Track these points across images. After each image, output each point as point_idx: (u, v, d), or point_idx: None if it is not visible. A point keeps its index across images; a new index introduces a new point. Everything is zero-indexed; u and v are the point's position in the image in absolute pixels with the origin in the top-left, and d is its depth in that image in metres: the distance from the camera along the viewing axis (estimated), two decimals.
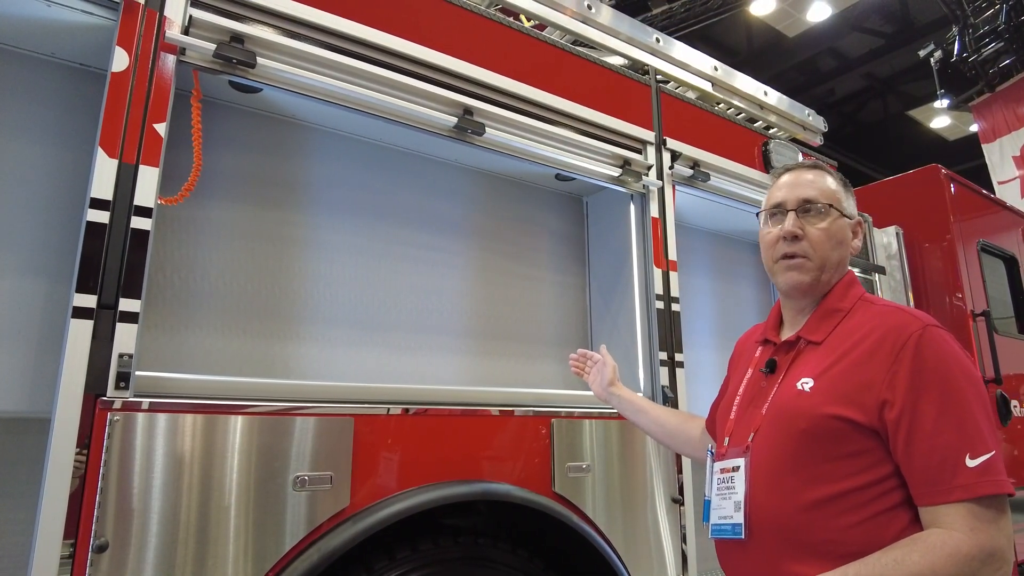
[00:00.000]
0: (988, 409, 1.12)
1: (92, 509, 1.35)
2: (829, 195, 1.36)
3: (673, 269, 2.51)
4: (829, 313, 1.33)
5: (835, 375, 1.22)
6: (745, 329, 1.70)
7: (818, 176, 1.40)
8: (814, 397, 1.21)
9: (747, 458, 1.29)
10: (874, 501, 1.14)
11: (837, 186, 1.39)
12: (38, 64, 1.79)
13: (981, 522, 1.05)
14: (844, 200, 1.38)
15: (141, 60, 1.60)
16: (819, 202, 1.35)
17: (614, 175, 2.42)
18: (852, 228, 1.39)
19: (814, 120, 3.45)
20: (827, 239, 1.33)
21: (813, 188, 1.37)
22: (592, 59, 2.51)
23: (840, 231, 1.35)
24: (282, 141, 2.14)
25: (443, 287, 2.38)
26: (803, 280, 1.34)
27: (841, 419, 1.16)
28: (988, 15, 8.10)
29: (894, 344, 1.17)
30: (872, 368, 1.17)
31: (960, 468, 1.07)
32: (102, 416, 1.40)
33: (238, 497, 1.51)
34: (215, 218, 1.98)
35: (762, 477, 1.25)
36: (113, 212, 1.50)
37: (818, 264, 1.33)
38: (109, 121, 1.53)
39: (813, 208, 1.35)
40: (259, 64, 1.73)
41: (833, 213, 1.35)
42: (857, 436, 1.16)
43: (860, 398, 1.16)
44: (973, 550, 1.03)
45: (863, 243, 1.37)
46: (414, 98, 1.99)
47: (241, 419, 1.55)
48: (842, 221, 1.36)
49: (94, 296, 1.45)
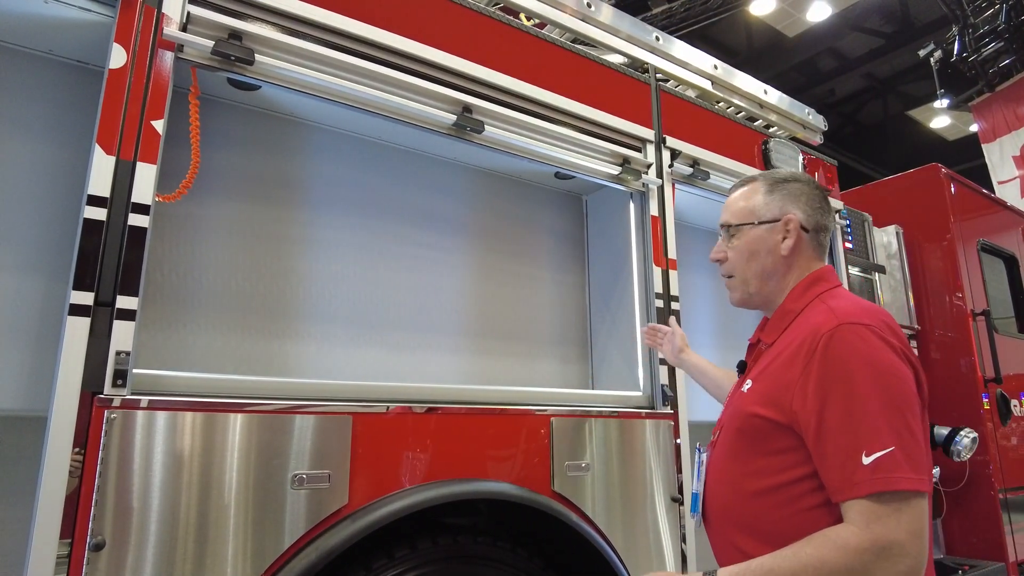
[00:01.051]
0: (898, 404, 1.11)
1: (89, 508, 1.34)
2: (740, 213, 1.43)
3: (673, 268, 2.50)
4: (782, 315, 1.38)
5: (766, 376, 1.29)
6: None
7: (738, 196, 1.46)
8: (747, 397, 1.31)
9: (708, 453, 1.45)
10: (805, 496, 1.18)
11: (754, 196, 1.43)
12: (36, 61, 1.78)
13: (878, 516, 1.06)
14: (761, 208, 1.41)
15: (139, 57, 1.59)
16: (730, 224, 1.44)
17: (613, 173, 2.41)
18: (777, 229, 1.38)
19: (814, 119, 3.45)
20: (739, 257, 1.42)
21: (727, 212, 1.47)
22: (592, 57, 2.50)
23: (752, 243, 1.40)
24: (281, 139, 2.13)
25: (441, 286, 2.38)
26: (732, 298, 1.47)
27: (762, 418, 1.24)
28: (988, 15, 8.09)
29: (810, 346, 1.20)
30: (792, 370, 1.21)
31: (857, 466, 1.09)
32: (99, 414, 1.39)
33: (236, 495, 1.51)
34: (214, 216, 1.97)
35: (714, 470, 1.39)
36: (110, 209, 1.50)
37: (740, 281, 1.43)
38: (107, 118, 1.53)
39: (729, 231, 1.44)
40: (257, 61, 1.72)
41: (743, 230, 1.41)
42: (779, 435, 1.21)
43: (779, 399, 1.22)
44: (864, 543, 1.05)
45: (796, 240, 1.38)
46: (413, 96, 1.98)
47: (239, 417, 1.54)
48: (755, 232, 1.40)
49: (91, 293, 1.44)
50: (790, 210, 1.38)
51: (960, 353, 3.94)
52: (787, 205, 1.39)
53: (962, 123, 12.45)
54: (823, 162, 3.39)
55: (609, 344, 2.59)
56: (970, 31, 8.31)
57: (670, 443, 2.32)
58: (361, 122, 2.18)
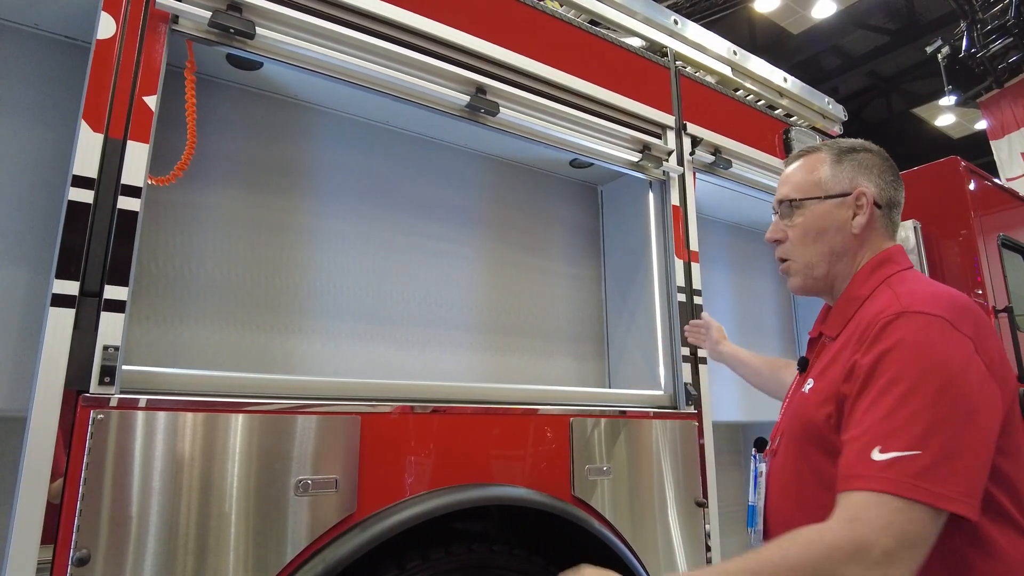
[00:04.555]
0: (952, 409, 0.93)
1: (72, 517, 1.22)
2: (803, 186, 1.26)
3: (695, 260, 2.38)
4: (846, 303, 1.21)
5: (827, 372, 1.13)
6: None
7: (798, 167, 1.30)
8: (810, 399, 1.15)
9: (767, 463, 1.27)
10: None
11: (820, 168, 1.26)
12: (20, 37, 1.66)
13: (867, 516, 0.89)
14: (828, 180, 1.25)
15: (130, 27, 1.47)
16: (792, 199, 1.27)
17: (634, 160, 2.29)
18: (848, 205, 1.22)
19: (833, 108, 3.33)
20: (803, 235, 1.25)
21: (787, 185, 1.30)
22: (610, 39, 2.38)
23: (819, 220, 1.23)
24: (283, 123, 2.01)
25: (452, 279, 2.25)
26: (794, 285, 1.30)
27: (827, 419, 1.08)
28: (997, 10, 7.98)
29: (865, 332, 1.06)
30: (846, 358, 1.08)
31: (865, 458, 0.93)
32: (84, 414, 1.26)
33: (236, 503, 1.38)
34: (212, 204, 1.85)
35: (776, 481, 1.22)
36: (98, 191, 1.37)
37: (803, 264, 1.26)
38: (94, 92, 1.40)
39: (792, 206, 1.27)
40: (258, 35, 1.59)
41: (808, 205, 1.24)
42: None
43: (836, 392, 1.07)
44: (839, 540, 0.87)
45: (869, 217, 1.22)
46: (425, 75, 1.86)
47: (239, 418, 1.42)
48: (822, 207, 1.23)
49: (76, 283, 1.32)
50: (861, 183, 1.22)
51: None
52: (858, 177, 1.23)
53: (967, 121, 12.36)
54: None
55: (627, 341, 2.46)
56: (978, 27, 8.20)
57: (694, 445, 2.20)
58: (368, 105, 2.05)
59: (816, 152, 1.29)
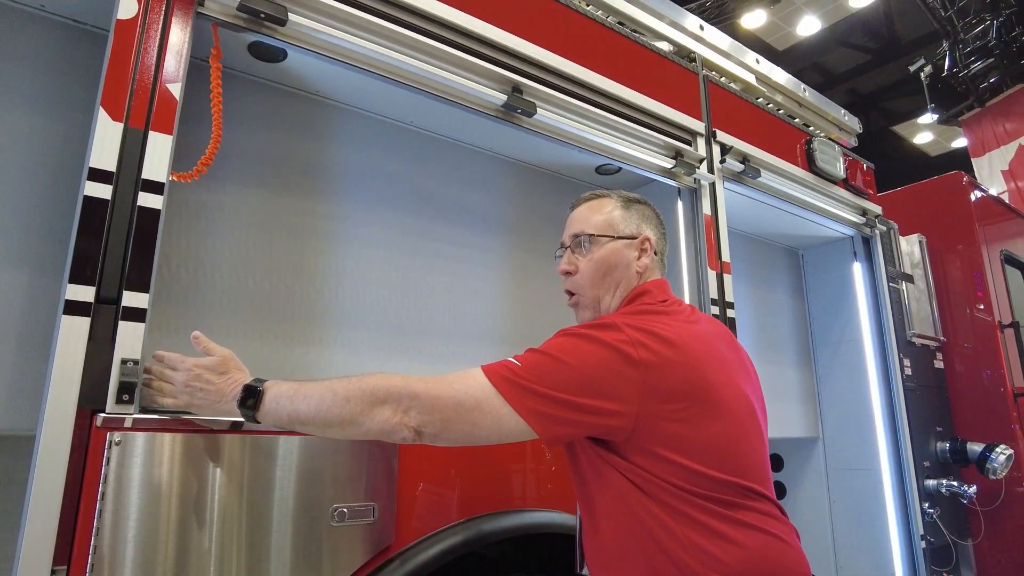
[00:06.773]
0: (561, 356, 1.15)
1: (87, 551, 1.07)
2: (598, 225, 1.39)
3: (727, 272, 2.30)
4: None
5: None
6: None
7: (590, 207, 1.43)
8: None
9: None
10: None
11: (611, 211, 1.41)
12: (25, 19, 1.51)
13: (445, 378, 1.17)
14: (619, 223, 1.40)
15: (153, 7, 1.34)
16: (587, 233, 1.39)
17: (667, 167, 2.20)
18: (634, 247, 1.39)
19: (849, 120, 3.30)
20: (594, 269, 1.37)
21: (580, 222, 1.42)
22: (642, 42, 2.30)
23: (610, 256, 1.37)
24: (306, 121, 1.88)
25: (479, 288, 2.13)
26: (584, 318, 1.40)
27: None
28: (978, 31, 8.17)
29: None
30: None
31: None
32: (100, 436, 1.12)
33: (267, 534, 1.24)
34: (229, 205, 1.71)
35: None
36: (117, 186, 1.23)
37: (591, 299, 1.38)
38: (113, 78, 1.26)
39: (590, 239, 1.39)
40: (290, 21, 1.47)
41: (601, 242, 1.38)
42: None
43: None
44: (372, 386, 1.13)
45: (650, 260, 1.43)
46: (461, 71, 1.75)
47: (269, 440, 1.28)
48: (614, 245, 1.37)
49: (92, 288, 1.17)
50: (646, 230, 1.41)
51: (987, 366, 3.80)
52: (643, 224, 1.42)
53: (944, 139, 12.64)
54: (861, 164, 3.24)
55: None
56: (960, 47, 8.38)
57: None
58: (395, 105, 1.94)
59: (606, 197, 1.45)
